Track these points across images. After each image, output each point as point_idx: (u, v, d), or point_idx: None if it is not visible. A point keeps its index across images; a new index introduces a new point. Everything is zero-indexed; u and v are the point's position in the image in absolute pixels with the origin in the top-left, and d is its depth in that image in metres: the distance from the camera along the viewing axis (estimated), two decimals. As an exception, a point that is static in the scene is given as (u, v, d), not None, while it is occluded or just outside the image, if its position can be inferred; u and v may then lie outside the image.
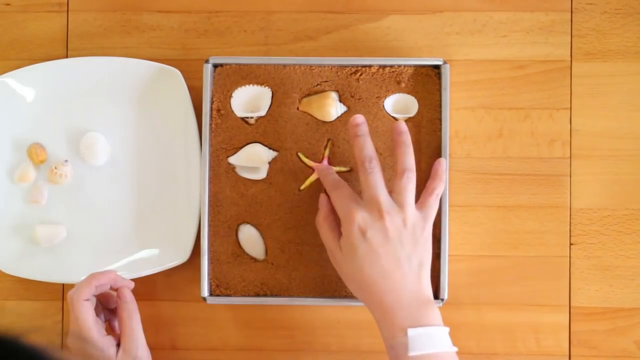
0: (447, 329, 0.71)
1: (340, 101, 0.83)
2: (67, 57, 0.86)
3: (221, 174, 0.82)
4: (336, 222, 0.76)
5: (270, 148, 0.82)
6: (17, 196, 0.84)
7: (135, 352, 0.74)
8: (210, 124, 0.82)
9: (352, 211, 0.72)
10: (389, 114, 0.82)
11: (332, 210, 0.77)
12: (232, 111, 0.83)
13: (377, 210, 0.72)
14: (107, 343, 0.74)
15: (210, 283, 0.82)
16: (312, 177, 0.82)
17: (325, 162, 0.82)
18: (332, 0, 0.85)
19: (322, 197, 0.78)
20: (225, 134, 0.82)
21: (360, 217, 0.72)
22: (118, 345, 0.74)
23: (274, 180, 0.82)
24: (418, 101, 0.82)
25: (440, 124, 0.82)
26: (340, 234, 0.75)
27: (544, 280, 0.84)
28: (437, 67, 0.82)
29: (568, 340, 0.84)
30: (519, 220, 0.84)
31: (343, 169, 0.82)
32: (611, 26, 0.85)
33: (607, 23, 0.85)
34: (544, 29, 0.85)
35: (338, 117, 0.82)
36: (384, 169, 0.79)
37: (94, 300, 0.75)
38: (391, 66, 0.82)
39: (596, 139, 0.84)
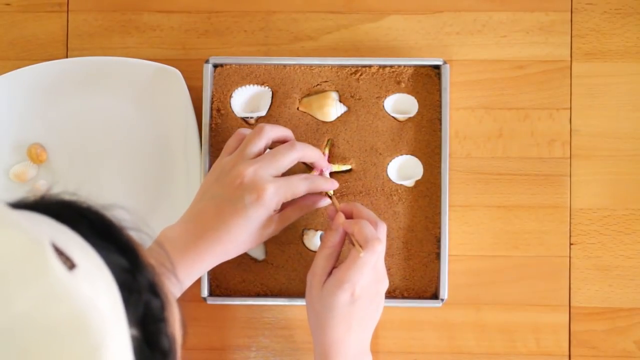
0: None
1: (340, 101, 0.83)
2: (67, 57, 0.86)
3: (221, 174, 0.82)
4: (335, 258, 0.72)
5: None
6: (17, 197, 0.84)
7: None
8: (210, 124, 0.82)
9: (364, 274, 0.69)
10: (389, 114, 0.82)
11: (340, 244, 0.73)
12: (232, 111, 0.83)
13: (379, 282, 0.71)
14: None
15: (210, 283, 0.82)
16: (312, 177, 0.82)
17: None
18: (332, 0, 0.85)
19: (332, 231, 0.73)
20: (225, 134, 0.82)
21: (364, 284, 0.69)
22: None
23: (274, 180, 0.82)
24: (418, 101, 0.82)
25: (440, 124, 0.82)
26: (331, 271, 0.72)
27: (544, 280, 0.84)
28: (437, 67, 0.82)
29: (568, 340, 0.84)
30: (519, 220, 0.84)
31: (343, 167, 0.82)
32: (611, 26, 0.85)
33: (607, 23, 0.85)
34: (544, 29, 0.85)
35: (338, 117, 0.82)
36: (382, 169, 0.79)
37: None
38: (391, 66, 0.82)
39: (596, 139, 0.84)
